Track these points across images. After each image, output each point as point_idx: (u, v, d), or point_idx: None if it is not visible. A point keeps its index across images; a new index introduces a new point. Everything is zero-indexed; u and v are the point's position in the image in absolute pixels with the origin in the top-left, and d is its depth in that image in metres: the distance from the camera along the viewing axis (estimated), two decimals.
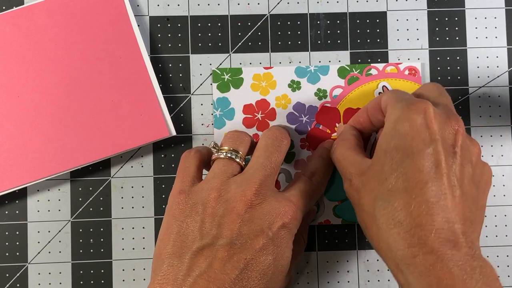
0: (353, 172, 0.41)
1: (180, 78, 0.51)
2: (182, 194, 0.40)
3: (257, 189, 0.39)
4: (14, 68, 0.48)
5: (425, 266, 0.33)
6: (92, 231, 0.49)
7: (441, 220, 0.34)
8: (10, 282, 0.49)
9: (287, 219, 0.39)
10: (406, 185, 0.35)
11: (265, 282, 0.37)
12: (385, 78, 0.51)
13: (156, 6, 0.51)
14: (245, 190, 0.38)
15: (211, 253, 0.37)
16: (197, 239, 0.37)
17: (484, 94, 0.52)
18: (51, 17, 0.49)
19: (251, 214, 0.38)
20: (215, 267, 0.36)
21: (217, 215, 0.38)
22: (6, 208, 0.49)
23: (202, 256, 0.37)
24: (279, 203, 0.39)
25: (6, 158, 0.47)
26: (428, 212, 0.34)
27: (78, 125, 0.48)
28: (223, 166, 0.41)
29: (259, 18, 0.51)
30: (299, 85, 0.51)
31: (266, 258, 0.37)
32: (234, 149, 0.42)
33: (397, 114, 0.38)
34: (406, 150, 0.36)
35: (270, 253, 0.37)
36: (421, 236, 0.34)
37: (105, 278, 0.49)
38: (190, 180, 0.41)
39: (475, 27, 0.52)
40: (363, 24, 0.51)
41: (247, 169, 0.41)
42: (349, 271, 0.50)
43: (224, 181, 0.39)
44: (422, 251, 0.34)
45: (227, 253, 0.36)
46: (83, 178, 0.50)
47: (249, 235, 0.37)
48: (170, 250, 0.38)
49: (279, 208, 0.39)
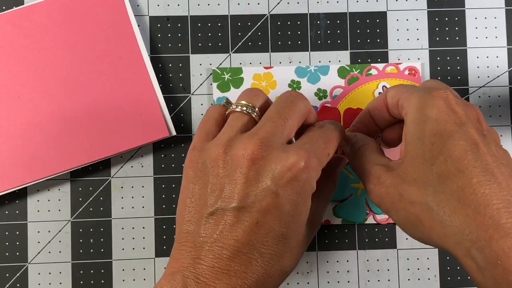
0: (380, 170, 0.38)
1: (180, 78, 0.51)
2: (194, 150, 0.38)
3: (262, 143, 0.35)
4: (14, 68, 0.48)
5: (503, 249, 0.31)
6: (92, 231, 0.49)
7: (504, 199, 0.32)
8: (10, 282, 0.49)
9: (297, 170, 0.34)
10: (458, 166, 0.34)
11: (281, 240, 0.35)
12: (385, 78, 0.51)
13: (156, 6, 0.51)
14: (247, 144, 0.35)
15: (221, 218, 0.35)
16: (207, 203, 0.36)
17: (484, 94, 0.52)
18: (51, 17, 0.49)
19: (256, 171, 0.35)
20: (226, 233, 0.34)
21: (221, 175, 0.36)
22: (6, 208, 0.49)
23: (213, 222, 0.35)
24: (286, 154, 0.35)
25: (6, 158, 0.47)
26: (490, 190, 0.33)
27: (78, 125, 0.48)
28: (234, 120, 0.38)
29: (259, 18, 0.51)
30: (299, 85, 0.51)
31: (279, 216, 0.34)
32: (248, 103, 0.39)
33: (419, 103, 0.37)
34: (444, 133, 0.35)
35: (282, 212, 0.34)
36: (493, 216, 0.32)
37: (105, 278, 0.49)
38: (204, 136, 0.38)
39: (475, 27, 0.52)
40: (363, 24, 0.51)
41: (256, 125, 0.38)
42: (349, 271, 0.50)
43: (231, 137, 0.37)
44: (497, 233, 0.31)
45: (235, 218, 0.34)
46: (83, 178, 0.50)
47: (257, 195, 0.34)
48: (186, 216, 0.36)
49: (287, 159, 0.35)
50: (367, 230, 0.50)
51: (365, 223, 0.50)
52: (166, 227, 0.50)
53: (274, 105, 0.39)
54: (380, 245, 0.50)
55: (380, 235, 0.50)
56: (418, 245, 0.50)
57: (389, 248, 0.50)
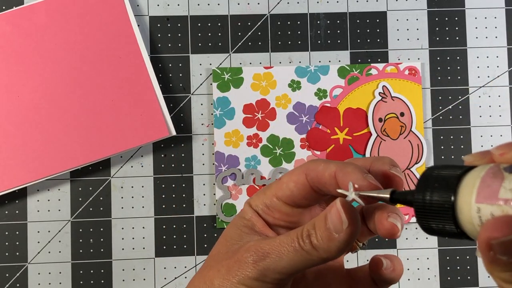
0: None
1: (180, 78, 0.51)
2: None
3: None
4: (14, 68, 0.48)
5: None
6: (92, 231, 0.49)
7: None
8: (10, 282, 0.49)
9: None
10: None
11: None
12: (385, 78, 0.51)
13: (156, 6, 0.51)
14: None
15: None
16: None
17: (484, 94, 0.52)
18: (51, 17, 0.49)
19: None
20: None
21: None
22: (6, 208, 0.49)
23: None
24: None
25: (6, 158, 0.47)
26: None
27: (78, 125, 0.48)
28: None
29: (259, 18, 0.51)
30: (299, 85, 0.51)
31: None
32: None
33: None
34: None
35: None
36: None
37: (105, 278, 0.49)
38: None
39: (475, 27, 0.52)
40: (363, 24, 0.51)
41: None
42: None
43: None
44: None
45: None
46: (83, 178, 0.50)
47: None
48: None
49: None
50: None
51: None
52: (166, 227, 0.50)
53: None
54: (380, 245, 0.50)
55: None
56: (418, 245, 0.50)
57: (389, 248, 0.50)
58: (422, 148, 0.50)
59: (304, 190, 0.29)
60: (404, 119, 0.51)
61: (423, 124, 0.51)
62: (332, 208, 0.27)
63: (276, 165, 0.50)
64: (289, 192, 0.29)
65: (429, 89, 0.51)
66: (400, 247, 0.50)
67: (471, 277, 0.50)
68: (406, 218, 0.50)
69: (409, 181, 0.50)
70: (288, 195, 0.29)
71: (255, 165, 0.50)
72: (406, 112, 0.51)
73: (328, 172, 0.28)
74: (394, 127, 0.50)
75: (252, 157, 0.50)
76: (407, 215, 0.50)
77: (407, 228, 0.50)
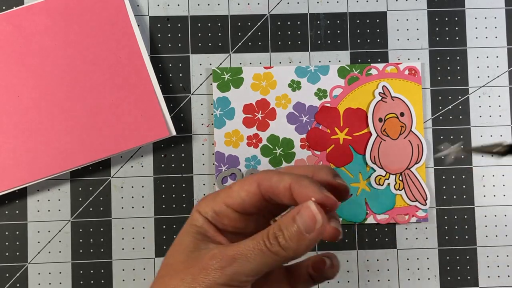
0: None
1: (180, 78, 0.51)
2: None
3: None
4: (14, 68, 0.48)
5: None
6: (92, 231, 0.49)
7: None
8: (10, 282, 0.49)
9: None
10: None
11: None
12: (385, 78, 0.51)
13: (156, 6, 0.51)
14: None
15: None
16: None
17: (484, 94, 0.52)
18: (51, 17, 0.49)
19: None
20: None
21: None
22: (6, 208, 0.49)
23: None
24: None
25: (6, 158, 0.47)
26: None
27: (78, 125, 0.48)
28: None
29: (259, 18, 0.51)
30: (299, 85, 0.51)
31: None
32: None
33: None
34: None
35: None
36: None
37: (105, 278, 0.49)
38: None
39: (475, 27, 0.52)
40: (363, 24, 0.51)
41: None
42: (349, 271, 0.50)
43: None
44: None
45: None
46: (83, 178, 0.50)
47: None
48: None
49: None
50: (367, 230, 0.50)
51: (365, 223, 0.50)
52: (166, 227, 0.50)
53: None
54: (380, 245, 0.50)
55: (380, 235, 0.50)
56: (418, 245, 0.50)
57: (389, 248, 0.50)
58: (422, 148, 0.50)
59: (255, 199, 0.30)
60: (404, 119, 0.51)
61: (423, 124, 0.51)
62: (303, 210, 0.28)
63: (276, 165, 0.50)
64: (240, 200, 0.30)
65: (429, 89, 0.51)
66: (400, 247, 0.50)
67: (471, 277, 0.50)
68: (406, 218, 0.50)
69: (409, 181, 0.50)
70: (239, 203, 0.30)
71: (255, 165, 0.50)
72: (406, 112, 0.51)
73: (282, 184, 0.29)
74: (394, 127, 0.50)
75: (252, 157, 0.50)
76: (407, 215, 0.50)
77: (407, 228, 0.50)
